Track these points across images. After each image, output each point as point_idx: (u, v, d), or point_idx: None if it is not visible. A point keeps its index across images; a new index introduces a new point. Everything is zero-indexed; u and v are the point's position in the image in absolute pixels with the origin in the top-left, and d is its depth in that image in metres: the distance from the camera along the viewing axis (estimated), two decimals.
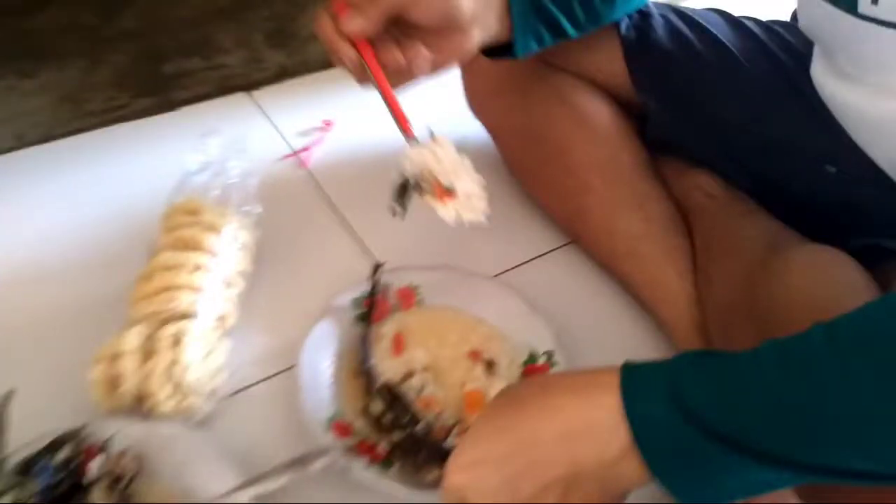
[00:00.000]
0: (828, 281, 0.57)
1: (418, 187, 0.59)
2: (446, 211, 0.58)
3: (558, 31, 0.67)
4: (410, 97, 0.61)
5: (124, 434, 0.58)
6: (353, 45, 0.56)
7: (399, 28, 0.58)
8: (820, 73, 0.64)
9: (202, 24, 1.17)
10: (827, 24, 0.59)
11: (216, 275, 0.67)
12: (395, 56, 0.58)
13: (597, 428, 0.41)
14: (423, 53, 0.58)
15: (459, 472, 0.45)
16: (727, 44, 0.74)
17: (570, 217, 0.78)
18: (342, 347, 0.67)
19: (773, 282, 0.60)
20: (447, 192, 0.58)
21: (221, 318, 0.66)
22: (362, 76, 0.58)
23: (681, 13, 0.79)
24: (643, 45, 0.76)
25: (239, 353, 0.67)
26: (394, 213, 0.61)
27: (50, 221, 0.82)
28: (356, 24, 0.56)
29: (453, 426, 0.61)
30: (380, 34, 0.57)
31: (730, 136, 0.73)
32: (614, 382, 0.42)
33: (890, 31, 0.52)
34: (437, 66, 0.60)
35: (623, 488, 0.43)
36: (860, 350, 0.37)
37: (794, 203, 0.70)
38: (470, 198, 0.58)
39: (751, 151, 0.72)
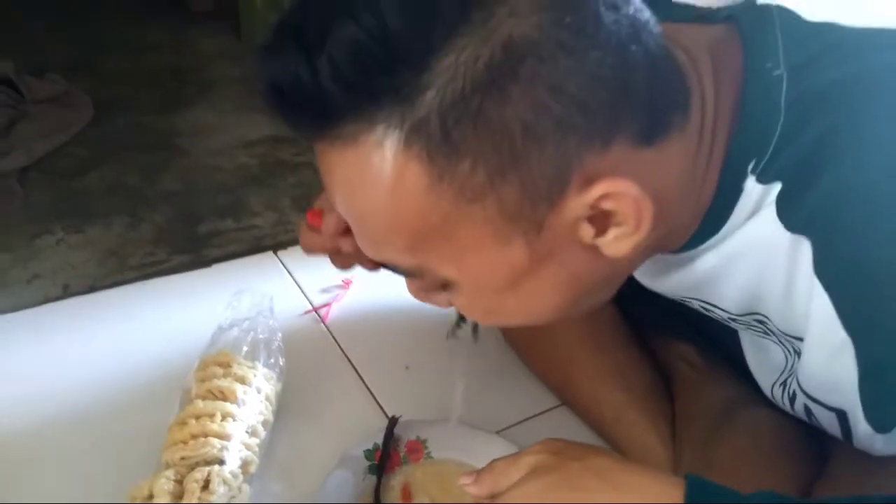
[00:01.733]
0: (767, 444, 0.64)
1: None
2: None
3: None
4: None
5: None
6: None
7: None
8: None
9: (235, 188, 1.30)
10: None
11: (243, 424, 0.73)
12: None
13: None
14: None
15: None
16: None
17: (560, 386, 0.85)
18: (355, 498, 0.72)
19: (722, 444, 0.67)
20: None
21: (245, 465, 0.71)
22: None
23: None
24: None
25: (258, 498, 0.72)
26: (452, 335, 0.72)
27: (91, 367, 0.89)
28: (333, 221, 0.67)
29: None
30: None
31: (673, 313, 0.79)
32: (679, 496, 0.46)
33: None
34: None
35: None
36: None
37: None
38: None
39: (698, 329, 0.79)
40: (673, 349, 0.82)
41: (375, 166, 0.44)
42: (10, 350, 0.92)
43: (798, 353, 0.54)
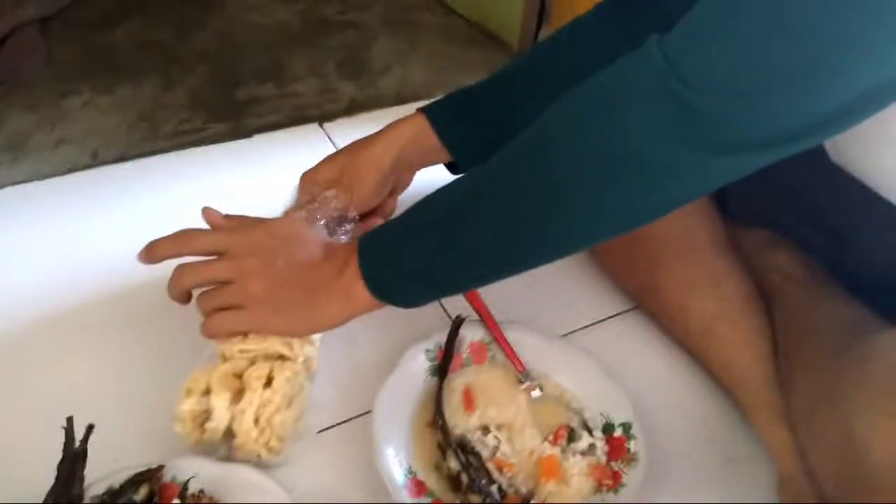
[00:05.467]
0: None
1: None
2: None
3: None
4: None
5: (202, 475, 0.58)
6: None
7: None
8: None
9: (275, 48, 1.19)
10: None
11: None
12: None
13: None
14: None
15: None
16: None
17: (641, 290, 0.78)
18: (415, 398, 0.67)
19: (855, 369, 0.59)
20: None
21: (307, 362, 0.66)
22: None
23: None
24: None
25: (314, 396, 0.67)
26: None
27: (125, 242, 0.82)
28: None
29: (528, 496, 0.60)
30: None
31: (807, 207, 0.72)
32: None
33: None
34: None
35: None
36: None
37: (875, 282, 0.68)
38: None
39: (827, 222, 0.71)
40: (769, 258, 0.74)
41: None
42: (33, 221, 0.85)
43: None
